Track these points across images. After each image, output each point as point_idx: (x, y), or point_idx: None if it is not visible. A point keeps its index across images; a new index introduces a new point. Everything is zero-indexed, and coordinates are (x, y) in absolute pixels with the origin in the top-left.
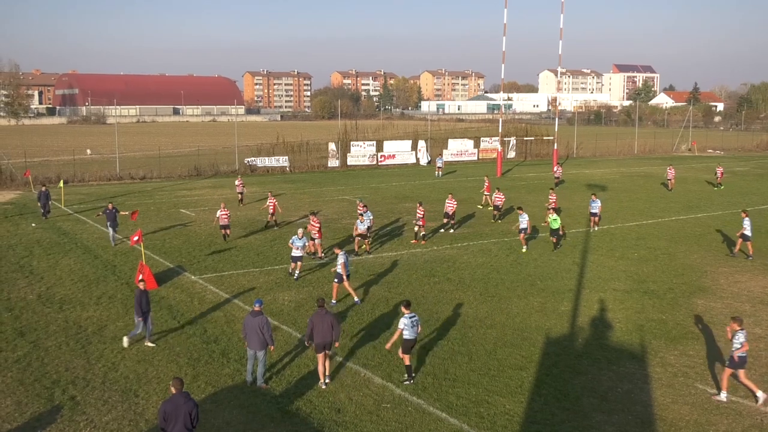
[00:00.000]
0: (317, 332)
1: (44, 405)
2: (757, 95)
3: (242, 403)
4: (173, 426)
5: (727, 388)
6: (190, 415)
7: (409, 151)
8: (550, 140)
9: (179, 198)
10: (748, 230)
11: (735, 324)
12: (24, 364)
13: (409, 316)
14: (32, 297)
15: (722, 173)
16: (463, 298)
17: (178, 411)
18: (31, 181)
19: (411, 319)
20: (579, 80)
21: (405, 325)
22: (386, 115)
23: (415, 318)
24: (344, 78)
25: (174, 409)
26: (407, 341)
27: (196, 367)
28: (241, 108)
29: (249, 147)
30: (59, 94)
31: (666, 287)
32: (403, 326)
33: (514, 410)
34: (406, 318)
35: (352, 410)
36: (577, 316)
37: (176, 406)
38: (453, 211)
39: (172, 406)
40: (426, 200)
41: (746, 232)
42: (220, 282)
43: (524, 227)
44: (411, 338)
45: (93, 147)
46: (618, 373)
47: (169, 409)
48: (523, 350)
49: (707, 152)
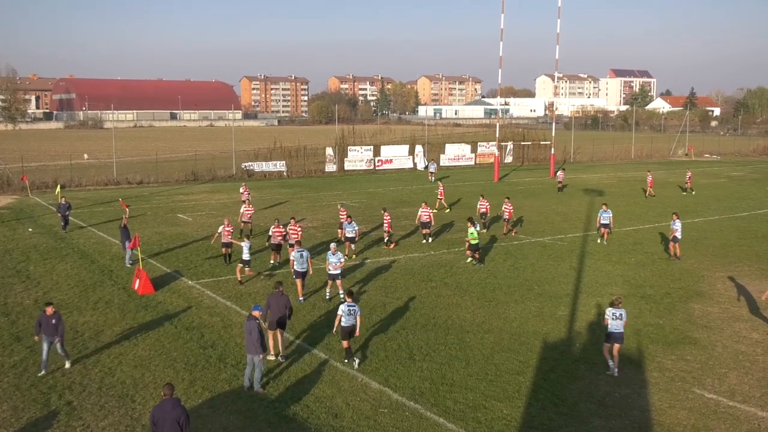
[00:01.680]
0: (273, 311)
1: (41, 410)
2: (754, 100)
3: (239, 408)
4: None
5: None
6: (178, 422)
7: (407, 156)
8: (547, 145)
9: (176, 203)
10: (679, 232)
11: (616, 302)
12: (20, 369)
13: (347, 305)
14: (29, 302)
15: (690, 178)
16: (460, 302)
17: (165, 417)
18: (28, 186)
19: (349, 307)
20: (576, 85)
21: (342, 312)
22: (383, 119)
23: (354, 308)
24: (341, 83)
25: (162, 415)
26: (344, 328)
27: (193, 372)
28: (239, 113)
29: (246, 152)
30: (56, 99)
31: (663, 292)
32: (341, 312)
33: (512, 415)
34: (345, 306)
35: (350, 415)
36: (575, 321)
37: (164, 412)
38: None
39: (160, 412)
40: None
41: (677, 234)
42: (217, 287)
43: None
44: (347, 325)
45: (90, 152)
46: (615, 378)
47: (158, 415)
48: (520, 355)
49: (704, 157)
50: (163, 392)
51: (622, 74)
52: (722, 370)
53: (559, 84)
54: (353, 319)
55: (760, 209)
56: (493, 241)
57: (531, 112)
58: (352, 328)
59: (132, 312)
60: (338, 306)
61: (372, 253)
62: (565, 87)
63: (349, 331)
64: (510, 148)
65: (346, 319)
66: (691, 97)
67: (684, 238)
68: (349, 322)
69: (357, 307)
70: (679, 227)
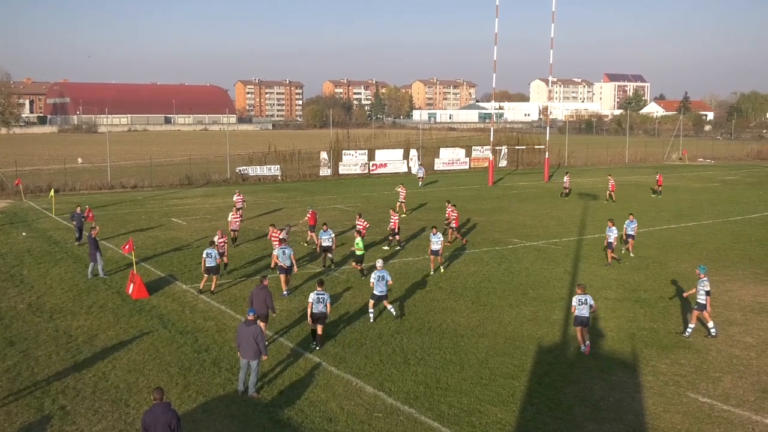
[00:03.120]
0: (255, 303)
1: (34, 415)
2: (747, 104)
3: (233, 413)
4: None
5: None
6: (169, 426)
7: (401, 160)
8: (542, 149)
9: (171, 207)
10: (612, 238)
11: (578, 289)
12: (14, 374)
13: (317, 293)
14: (22, 306)
15: (661, 180)
16: (454, 306)
17: (156, 421)
18: (22, 190)
19: (318, 295)
20: (570, 89)
21: (312, 299)
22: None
23: (323, 296)
24: (336, 87)
25: (153, 419)
26: (315, 314)
27: (187, 376)
28: (233, 117)
29: (241, 156)
30: (50, 103)
31: (657, 296)
32: (311, 300)
33: (506, 419)
34: (314, 294)
35: (344, 419)
36: (569, 325)
37: (154, 416)
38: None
39: (151, 417)
40: (419, 209)
41: (611, 240)
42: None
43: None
44: (317, 312)
45: (84, 156)
46: (610, 382)
47: (149, 420)
48: (515, 359)
49: (698, 161)
50: (153, 396)
51: (616, 78)
52: (716, 374)
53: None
54: (323, 306)
55: (754, 213)
56: (490, 244)
57: (525, 116)
58: (321, 315)
59: (126, 316)
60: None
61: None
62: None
63: (318, 317)
64: (504, 153)
65: (316, 306)
66: (684, 102)
67: (678, 241)
68: (317, 309)
69: (327, 295)
70: (615, 234)
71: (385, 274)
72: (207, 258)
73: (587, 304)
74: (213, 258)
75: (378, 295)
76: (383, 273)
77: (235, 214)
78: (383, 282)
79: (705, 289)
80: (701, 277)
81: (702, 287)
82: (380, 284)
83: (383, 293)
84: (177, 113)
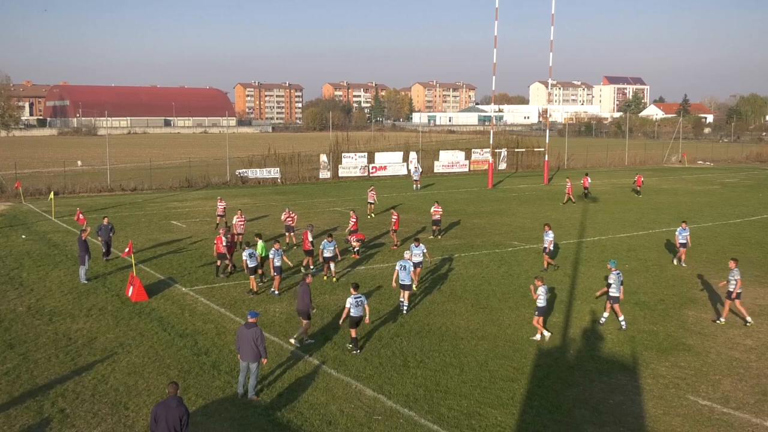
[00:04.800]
0: (298, 300)
1: (33, 417)
2: (746, 107)
3: (233, 416)
4: (157, 427)
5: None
6: (180, 420)
7: (401, 163)
8: (541, 152)
9: (170, 210)
10: (550, 243)
11: (538, 281)
12: (13, 377)
13: (354, 297)
14: (22, 309)
15: (640, 179)
16: (454, 309)
17: (168, 413)
18: (22, 193)
19: (356, 299)
20: (569, 92)
21: (351, 304)
22: (377, 126)
23: (360, 299)
24: (336, 89)
25: (164, 410)
26: (353, 318)
27: (186, 379)
28: (233, 119)
29: (240, 158)
30: (50, 106)
31: (657, 298)
32: (349, 305)
33: (506, 422)
34: (352, 298)
35: (344, 422)
36: (569, 328)
37: (167, 407)
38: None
39: (163, 408)
40: (417, 210)
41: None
42: (211, 294)
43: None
44: (356, 315)
45: (84, 158)
46: (609, 385)
47: (160, 411)
48: (514, 362)
49: (697, 164)
50: (169, 390)
51: (616, 81)
52: (716, 376)
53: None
54: (361, 309)
55: (754, 216)
56: (490, 246)
57: (525, 118)
58: (359, 319)
59: (125, 319)
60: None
61: (365, 260)
62: (558, 94)
63: (356, 321)
64: (504, 155)
65: (355, 310)
66: (684, 104)
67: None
68: (357, 313)
69: (363, 298)
70: (552, 238)
71: (407, 264)
72: (249, 259)
73: (545, 294)
74: (255, 258)
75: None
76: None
77: (240, 217)
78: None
79: (610, 281)
80: (612, 270)
81: (612, 280)
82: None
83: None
84: (177, 116)
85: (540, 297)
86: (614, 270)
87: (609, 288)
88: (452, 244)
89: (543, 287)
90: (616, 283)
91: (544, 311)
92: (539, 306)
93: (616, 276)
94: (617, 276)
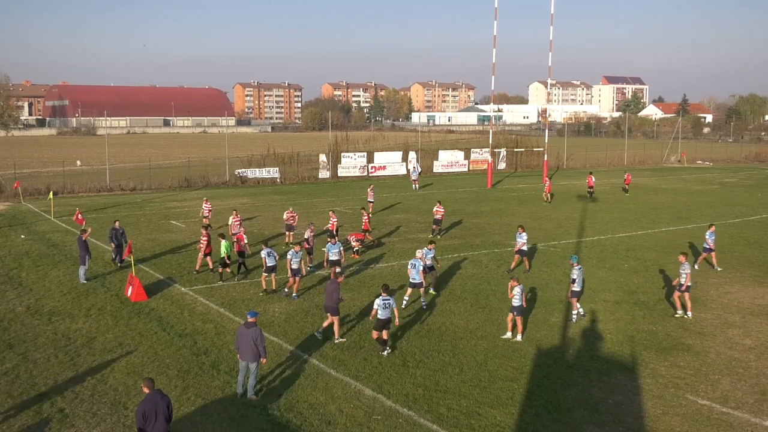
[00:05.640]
0: (327, 297)
1: (32, 418)
2: (746, 107)
3: (232, 416)
4: (153, 424)
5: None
6: (168, 408)
7: (400, 163)
8: (541, 151)
9: (169, 209)
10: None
11: (513, 282)
12: (12, 377)
13: (383, 299)
14: (21, 309)
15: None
16: (454, 309)
17: (157, 408)
18: (21, 193)
19: (385, 301)
20: (569, 92)
21: (378, 305)
22: (377, 126)
23: (389, 301)
24: (335, 89)
25: (154, 406)
26: (380, 320)
27: (185, 379)
28: (232, 119)
29: (240, 158)
30: (49, 106)
31: (656, 298)
32: (377, 306)
33: (505, 422)
34: (380, 300)
35: (343, 422)
36: (568, 328)
37: (155, 403)
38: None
39: (151, 404)
40: (417, 210)
41: (523, 248)
42: (210, 293)
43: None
44: (383, 318)
45: (83, 158)
46: (609, 385)
47: (149, 408)
48: (514, 361)
49: (696, 163)
50: (147, 387)
51: (615, 81)
52: (715, 376)
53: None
54: (389, 312)
55: (753, 216)
56: (489, 246)
57: (524, 118)
58: (387, 321)
59: (125, 319)
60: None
61: (365, 260)
62: (558, 94)
63: (384, 324)
64: (503, 155)
65: (382, 312)
66: (683, 104)
67: (677, 244)
68: (385, 315)
69: (392, 300)
70: (525, 240)
71: (417, 263)
72: (267, 258)
73: (522, 292)
74: (273, 257)
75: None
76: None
77: (235, 217)
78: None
79: (573, 276)
80: (574, 266)
81: (575, 276)
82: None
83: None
84: (176, 116)
85: (515, 296)
86: (576, 265)
87: (573, 284)
88: (451, 243)
89: (518, 287)
90: (579, 279)
91: (520, 311)
92: (514, 305)
93: (578, 271)
94: (579, 271)
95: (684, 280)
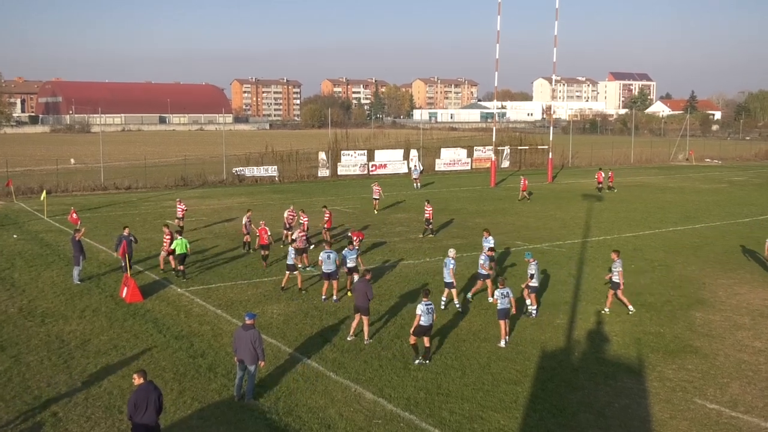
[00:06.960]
0: (357, 296)
1: (25, 422)
2: (755, 103)
3: (229, 420)
4: (143, 413)
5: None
6: (159, 400)
7: (401, 161)
8: (545, 149)
9: (165, 209)
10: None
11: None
12: (5, 380)
13: (425, 303)
14: (13, 310)
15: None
16: (455, 310)
17: (149, 397)
18: (13, 192)
19: (427, 306)
20: (574, 88)
21: (422, 311)
22: (377, 123)
23: (431, 305)
24: (335, 86)
25: (146, 396)
26: (422, 327)
27: (182, 382)
28: (229, 116)
29: (237, 156)
30: (42, 102)
31: (663, 299)
32: (420, 312)
33: (509, 426)
34: (423, 305)
35: (343, 426)
36: (573, 330)
37: (147, 392)
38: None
39: (143, 395)
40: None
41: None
42: (207, 295)
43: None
44: (426, 324)
45: (77, 156)
46: (615, 388)
47: (141, 397)
48: (517, 364)
49: (705, 161)
50: (141, 377)
51: (621, 77)
52: (724, 379)
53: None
54: (431, 317)
55: (763, 215)
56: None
57: (528, 115)
58: (429, 327)
59: (120, 320)
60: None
61: (366, 260)
62: (563, 90)
63: (424, 330)
64: (507, 153)
65: (425, 318)
66: (691, 101)
67: (685, 244)
68: (428, 321)
69: (432, 305)
70: (491, 244)
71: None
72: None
73: (509, 296)
74: (291, 257)
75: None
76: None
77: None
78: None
79: (531, 272)
80: (530, 261)
81: (533, 271)
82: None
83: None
84: (172, 113)
85: (498, 300)
86: (532, 261)
87: (530, 279)
88: (454, 243)
89: (498, 291)
90: (536, 273)
91: (503, 314)
92: (498, 309)
93: (535, 266)
94: (536, 266)
95: (616, 278)
